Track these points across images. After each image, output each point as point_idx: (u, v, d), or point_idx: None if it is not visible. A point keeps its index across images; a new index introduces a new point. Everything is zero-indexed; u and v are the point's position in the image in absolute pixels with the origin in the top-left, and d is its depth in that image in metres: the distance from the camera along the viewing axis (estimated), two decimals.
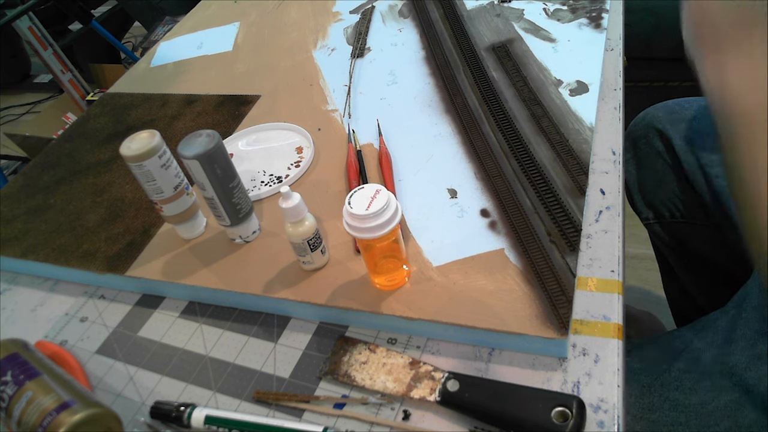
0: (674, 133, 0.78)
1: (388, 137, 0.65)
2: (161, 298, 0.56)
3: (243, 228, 0.56)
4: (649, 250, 1.01)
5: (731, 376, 0.53)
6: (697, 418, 0.52)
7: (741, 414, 0.51)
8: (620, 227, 0.52)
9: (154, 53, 0.97)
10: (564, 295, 0.45)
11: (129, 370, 0.50)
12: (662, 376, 0.56)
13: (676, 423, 0.53)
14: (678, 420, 0.53)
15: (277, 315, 0.52)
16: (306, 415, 0.44)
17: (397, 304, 0.47)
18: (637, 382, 0.57)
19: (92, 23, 1.82)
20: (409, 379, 0.44)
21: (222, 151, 0.51)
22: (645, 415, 0.55)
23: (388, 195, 0.44)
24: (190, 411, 0.44)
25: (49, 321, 0.57)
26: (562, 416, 0.38)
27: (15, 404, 0.42)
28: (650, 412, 0.54)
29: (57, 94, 2.61)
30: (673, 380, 0.55)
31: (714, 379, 0.54)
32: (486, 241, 0.51)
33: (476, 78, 0.71)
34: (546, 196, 0.53)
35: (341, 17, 0.93)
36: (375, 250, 0.48)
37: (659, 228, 0.86)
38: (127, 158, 0.52)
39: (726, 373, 0.53)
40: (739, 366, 0.53)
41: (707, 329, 0.58)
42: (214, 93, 0.81)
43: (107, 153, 0.74)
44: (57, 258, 0.60)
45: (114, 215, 0.64)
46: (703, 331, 0.58)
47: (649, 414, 0.54)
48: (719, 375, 0.54)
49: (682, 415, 0.53)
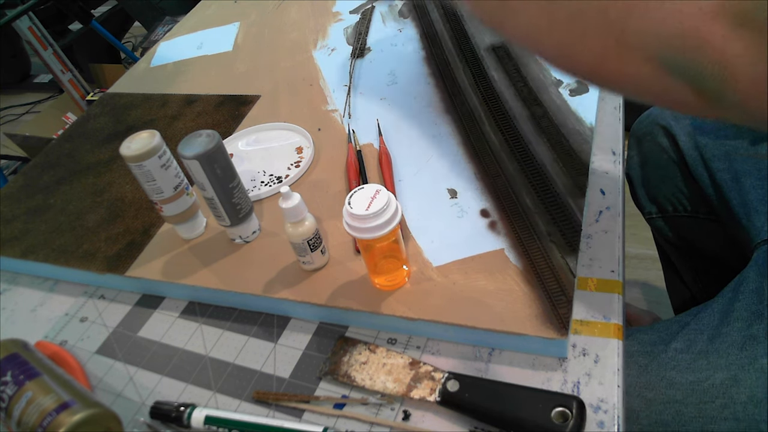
0: (678, 129, 0.79)
1: (388, 137, 0.65)
2: (161, 298, 0.56)
3: (243, 228, 0.56)
4: (649, 250, 1.01)
5: (727, 356, 0.54)
6: (693, 395, 0.53)
7: (736, 391, 0.52)
8: (620, 227, 0.52)
9: (154, 53, 0.97)
10: (564, 295, 0.45)
11: (129, 370, 0.50)
12: (659, 356, 0.57)
13: (672, 401, 0.54)
14: (674, 398, 0.54)
15: (277, 315, 0.52)
16: (306, 415, 0.44)
17: (397, 304, 0.47)
18: (635, 362, 0.57)
19: (92, 23, 1.82)
20: (409, 380, 0.44)
21: (222, 151, 0.51)
22: (642, 393, 0.55)
23: (388, 195, 0.44)
24: (189, 411, 0.44)
25: (49, 321, 0.57)
26: (562, 416, 0.38)
27: (15, 404, 0.42)
28: (647, 390, 0.55)
29: (57, 94, 2.61)
30: (670, 360, 0.56)
31: (710, 357, 0.55)
32: (486, 242, 0.51)
33: (476, 78, 0.71)
34: (546, 196, 0.53)
35: (341, 17, 0.93)
36: (375, 250, 0.48)
37: (662, 222, 0.88)
38: (127, 158, 0.52)
39: (723, 353, 0.54)
40: (735, 345, 0.54)
41: (703, 311, 0.59)
42: (214, 93, 0.81)
43: (107, 153, 0.74)
44: (57, 258, 0.60)
45: (114, 215, 0.64)
46: (700, 314, 0.59)
47: (646, 392, 0.55)
48: (715, 354, 0.55)
49: (678, 393, 0.54)
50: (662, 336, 0.59)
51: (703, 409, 0.52)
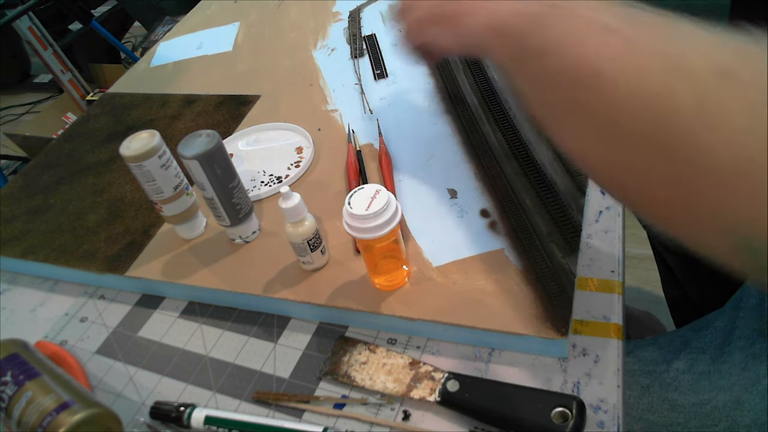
0: None
1: (388, 137, 0.65)
2: (161, 298, 0.56)
3: (243, 228, 0.56)
4: (649, 250, 1.01)
5: (729, 376, 0.53)
6: (696, 418, 0.52)
7: (739, 414, 0.51)
8: (620, 227, 0.52)
9: (154, 53, 0.97)
10: (564, 296, 0.45)
11: (129, 370, 0.50)
12: (661, 376, 0.56)
13: (675, 423, 0.53)
14: (677, 420, 0.53)
15: (277, 315, 0.52)
16: (306, 415, 0.44)
17: (397, 305, 0.47)
18: (637, 383, 0.57)
19: (92, 23, 1.82)
20: (409, 380, 0.44)
21: (222, 151, 0.51)
22: (644, 415, 0.55)
23: (388, 195, 0.44)
24: (189, 411, 0.44)
25: (49, 321, 0.57)
26: (562, 416, 0.38)
27: (15, 404, 0.42)
28: (649, 413, 0.55)
29: (57, 94, 2.61)
30: (672, 381, 0.55)
31: (712, 378, 0.54)
32: (486, 242, 0.51)
33: (476, 78, 0.70)
34: (546, 196, 0.53)
35: (341, 17, 0.93)
36: (375, 250, 0.48)
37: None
38: (127, 158, 0.52)
39: (725, 373, 0.53)
40: (737, 366, 0.53)
41: (706, 329, 0.59)
42: (214, 93, 0.81)
43: (107, 153, 0.74)
44: (57, 258, 0.60)
45: (114, 215, 0.64)
46: (702, 331, 0.59)
47: (648, 415, 0.55)
48: (717, 375, 0.54)
49: (681, 416, 0.53)
50: (664, 353, 0.58)
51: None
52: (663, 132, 0.29)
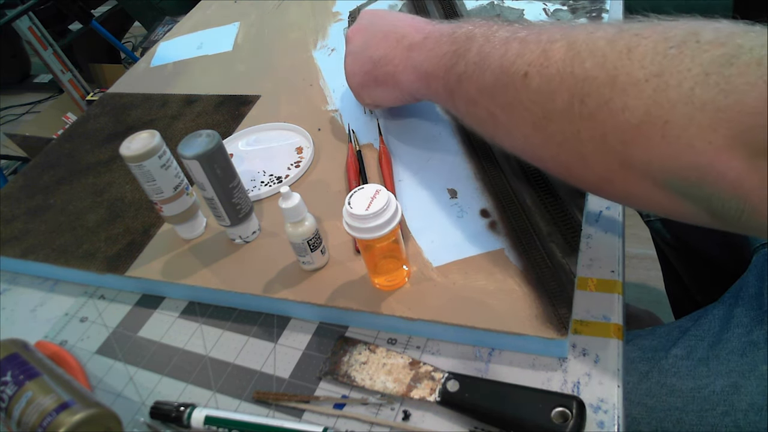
0: None
1: (388, 137, 0.65)
2: (161, 298, 0.56)
3: (243, 228, 0.56)
4: (649, 250, 1.01)
5: (728, 362, 0.54)
6: (694, 403, 0.53)
7: (737, 398, 0.51)
8: (620, 227, 0.52)
9: (154, 53, 0.97)
10: (564, 295, 0.45)
11: (129, 371, 0.50)
12: (659, 363, 0.57)
13: (673, 408, 0.54)
14: (675, 405, 0.54)
15: (277, 315, 0.52)
16: (306, 415, 0.44)
17: (397, 305, 0.47)
18: (636, 369, 0.57)
19: (92, 23, 1.83)
20: (409, 380, 0.44)
21: (222, 151, 0.51)
22: (642, 400, 0.55)
23: (388, 195, 0.44)
24: (189, 411, 0.44)
25: (49, 321, 0.57)
26: (562, 417, 0.38)
27: (15, 404, 0.42)
28: (648, 398, 0.55)
29: (57, 94, 2.61)
30: (670, 366, 0.56)
31: (710, 364, 0.54)
32: (486, 242, 0.51)
33: None
34: (546, 196, 0.53)
35: (341, 17, 0.93)
36: (375, 251, 0.48)
37: (660, 225, 0.87)
38: (127, 158, 0.52)
39: (723, 359, 0.54)
40: (735, 352, 0.54)
41: (704, 317, 0.59)
42: (214, 93, 0.81)
43: (107, 153, 0.74)
44: (57, 258, 0.60)
45: (114, 215, 0.64)
46: (700, 319, 0.59)
47: (646, 399, 0.55)
48: (716, 360, 0.54)
49: (679, 400, 0.54)
50: (663, 342, 0.59)
51: (704, 416, 0.52)
52: (584, 104, 0.36)
